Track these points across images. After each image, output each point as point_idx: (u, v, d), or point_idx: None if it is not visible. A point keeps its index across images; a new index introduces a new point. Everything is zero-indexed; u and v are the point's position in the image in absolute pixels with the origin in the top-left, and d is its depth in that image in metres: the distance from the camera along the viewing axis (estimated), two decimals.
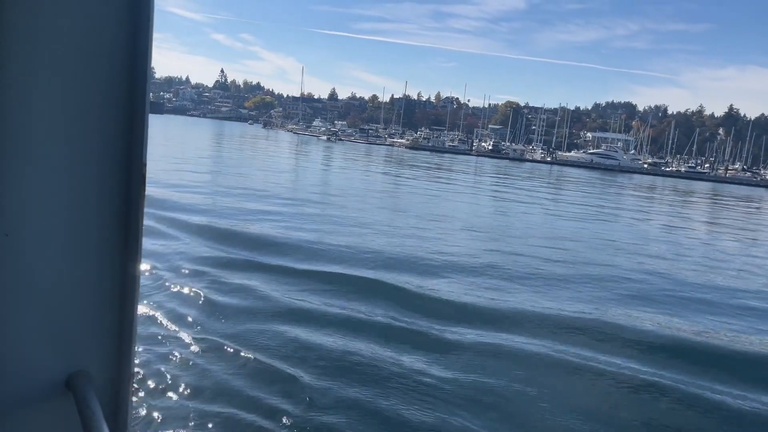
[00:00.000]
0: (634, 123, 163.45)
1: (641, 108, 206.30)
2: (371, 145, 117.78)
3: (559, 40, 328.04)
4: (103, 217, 1.31)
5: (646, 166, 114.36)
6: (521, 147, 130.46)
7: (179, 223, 14.73)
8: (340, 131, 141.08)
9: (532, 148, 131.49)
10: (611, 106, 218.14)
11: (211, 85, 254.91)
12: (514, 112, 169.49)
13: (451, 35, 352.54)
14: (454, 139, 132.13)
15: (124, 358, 1.38)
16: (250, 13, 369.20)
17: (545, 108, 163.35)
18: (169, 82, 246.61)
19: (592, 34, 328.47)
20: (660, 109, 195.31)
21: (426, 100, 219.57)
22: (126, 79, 1.28)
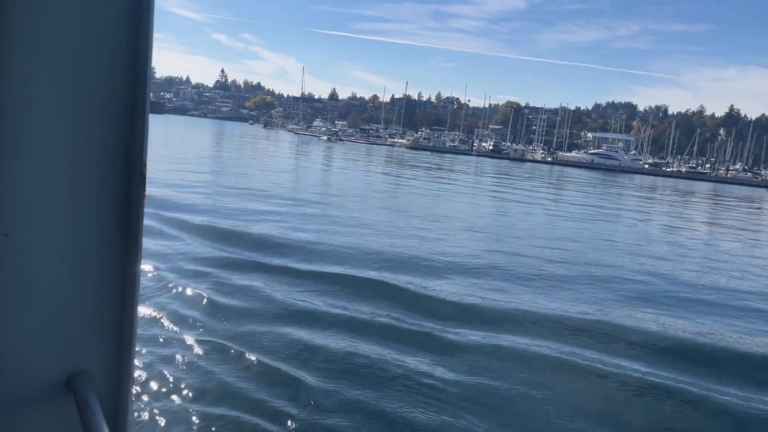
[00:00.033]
0: (634, 123, 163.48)
1: (642, 108, 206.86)
2: (372, 145, 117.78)
3: (560, 40, 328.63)
4: (103, 217, 1.31)
5: (647, 167, 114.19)
6: (522, 147, 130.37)
7: (180, 223, 14.71)
8: (340, 131, 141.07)
9: (533, 148, 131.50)
10: (612, 106, 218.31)
11: (211, 85, 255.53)
12: (514, 113, 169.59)
13: (451, 35, 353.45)
14: (455, 140, 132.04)
15: (124, 358, 1.38)
16: (251, 13, 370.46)
17: (546, 108, 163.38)
18: (170, 82, 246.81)
19: (593, 35, 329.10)
20: (661, 110, 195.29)
21: (426, 100, 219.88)
22: (126, 79, 1.28)
